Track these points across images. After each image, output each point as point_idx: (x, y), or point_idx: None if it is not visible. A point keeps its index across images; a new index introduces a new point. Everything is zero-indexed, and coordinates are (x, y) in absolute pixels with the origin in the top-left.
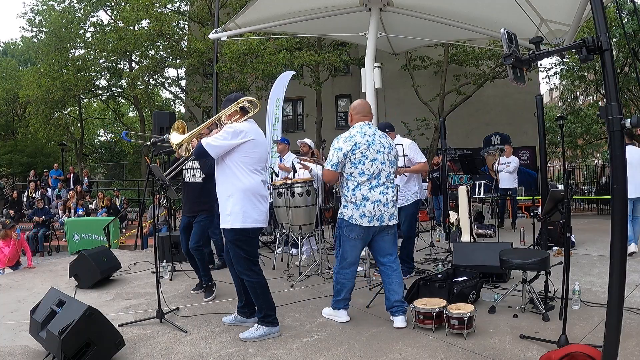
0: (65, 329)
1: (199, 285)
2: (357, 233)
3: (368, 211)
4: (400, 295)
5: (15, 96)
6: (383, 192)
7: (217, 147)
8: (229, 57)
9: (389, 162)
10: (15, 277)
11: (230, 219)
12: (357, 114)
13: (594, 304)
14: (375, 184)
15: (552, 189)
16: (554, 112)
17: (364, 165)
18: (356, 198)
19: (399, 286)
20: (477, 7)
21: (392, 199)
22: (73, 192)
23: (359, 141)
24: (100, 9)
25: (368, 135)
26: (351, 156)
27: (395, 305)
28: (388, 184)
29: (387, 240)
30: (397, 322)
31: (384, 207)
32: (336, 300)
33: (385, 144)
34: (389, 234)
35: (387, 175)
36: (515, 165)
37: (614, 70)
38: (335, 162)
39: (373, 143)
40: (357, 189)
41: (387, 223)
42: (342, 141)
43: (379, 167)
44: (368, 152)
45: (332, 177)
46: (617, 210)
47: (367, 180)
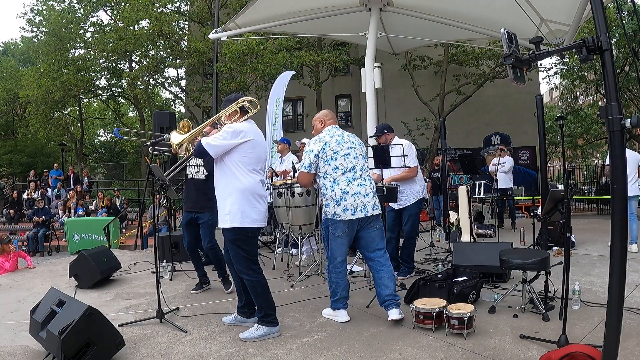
0: (65, 329)
1: (198, 285)
2: (342, 229)
3: (350, 204)
4: (391, 290)
5: (15, 96)
6: (361, 184)
7: (217, 146)
8: (228, 57)
9: (361, 156)
10: (15, 277)
11: (228, 219)
12: (325, 119)
13: (594, 304)
14: (352, 177)
15: (552, 189)
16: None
17: (337, 160)
18: (335, 194)
19: (389, 280)
20: (477, 7)
21: (371, 190)
22: (73, 192)
23: (328, 140)
24: (100, 9)
25: (337, 135)
26: (323, 155)
27: (388, 299)
28: (365, 176)
29: (374, 235)
30: (392, 315)
31: (365, 197)
32: (334, 301)
33: (355, 141)
34: (375, 228)
35: (361, 168)
36: (510, 165)
37: (614, 70)
38: (307, 163)
39: (342, 141)
40: (334, 184)
41: (371, 213)
42: (312, 143)
43: (352, 162)
44: (339, 148)
45: (307, 179)
46: (617, 210)
47: (342, 174)
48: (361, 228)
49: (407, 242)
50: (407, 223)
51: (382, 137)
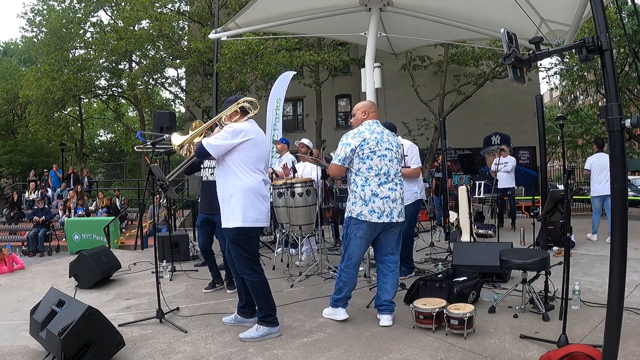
0: (65, 329)
1: (211, 285)
2: (364, 230)
3: (377, 207)
4: (391, 296)
5: (15, 96)
6: (392, 189)
7: (218, 146)
8: (228, 57)
9: (396, 159)
10: (15, 277)
11: (231, 218)
12: (364, 112)
13: (594, 304)
14: (384, 180)
15: (552, 189)
16: (554, 112)
17: (372, 160)
18: (365, 194)
19: (392, 287)
20: (477, 7)
21: (400, 196)
22: (73, 192)
23: (367, 137)
24: (100, 9)
25: (376, 132)
26: (359, 152)
27: (384, 304)
28: (397, 181)
29: (391, 240)
30: (383, 321)
31: (393, 203)
32: (337, 299)
33: (393, 142)
34: (394, 233)
35: (395, 172)
36: (513, 164)
37: (614, 70)
38: (342, 157)
39: (381, 140)
40: (366, 184)
41: (396, 220)
42: (351, 137)
43: (387, 164)
44: (377, 148)
45: (339, 172)
46: (617, 210)
47: (375, 175)
48: (383, 232)
49: (405, 243)
50: (404, 223)
51: None
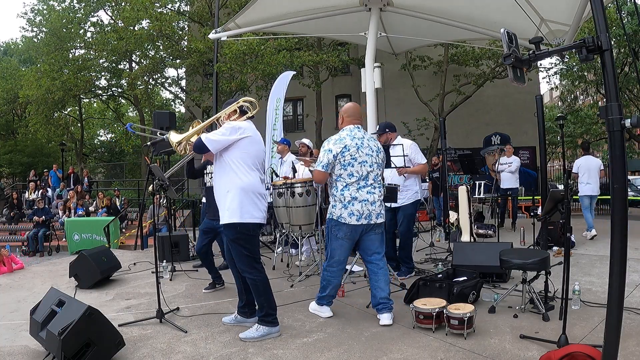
0: (65, 329)
1: (211, 285)
2: (344, 232)
3: (356, 210)
4: (386, 293)
5: (15, 96)
6: (370, 192)
7: (216, 141)
8: (229, 57)
9: (376, 164)
10: (15, 277)
11: (228, 214)
12: (349, 116)
13: (594, 304)
14: (363, 185)
15: (552, 189)
16: (554, 112)
17: (353, 167)
18: (344, 197)
19: (385, 284)
20: (477, 7)
21: (379, 198)
22: (73, 192)
23: (348, 144)
24: (101, 9)
25: (357, 138)
26: (341, 158)
27: (382, 302)
28: (375, 185)
29: (374, 240)
30: (383, 320)
31: (372, 205)
32: (321, 297)
33: (374, 147)
34: (376, 233)
35: (374, 177)
36: (517, 165)
37: (614, 70)
38: (325, 163)
39: (362, 146)
40: (345, 189)
41: (374, 221)
42: (332, 143)
43: (367, 170)
44: (357, 154)
45: (322, 178)
46: (617, 210)
47: (355, 181)
48: (364, 234)
49: (404, 243)
50: (402, 223)
51: (383, 136)
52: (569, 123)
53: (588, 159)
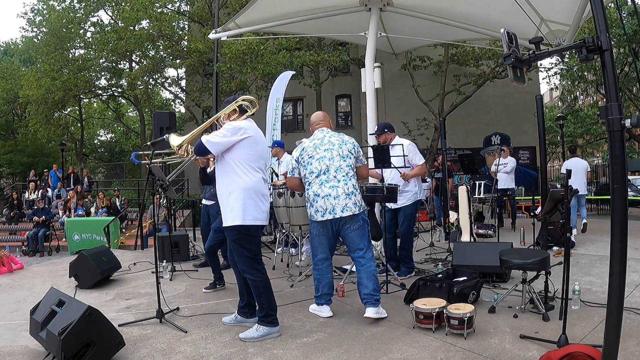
0: (65, 329)
1: (212, 285)
2: (317, 229)
3: (320, 206)
4: (369, 289)
5: (15, 96)
6: (333, 186)
7: (217, 143)
8: (228, 57)
9: (339, 156)
10: (16, 277)
11: (230, 216)
12: (315, 124)
13: (594, 304)
14: (325, 179)
15: (552, 189)
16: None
17: (312, 165)
18: (309, 196)
19: (367, 280)
20: (477, 7)
21: (343, 192)
22: (73, 192)
23: (306, 146)
24: (101, 9)
25: (317, 139)
26: (301, 160)
27: (365, 297)
28: (339, 177)
29: (352, 236)
30: (367, 312)
31: (335, 200)
32: (317, 296)
33: (335, 142)
34: (351, 229)
35: (336, 169)
36: (513, 165)
37: (614, 70)
38: (290, 169)
39: (321, 144)
40: (309, 187)
41: (339, 215)
42: (295, 150)
43: (326, 164)
44: (314, 152)
45: (293, 183)
46: (617, 210)
47: (316, 177)
48: (339, 229)
49: (405, 243)
50: (402, 224)
51: (382, 136)
52: (569, 123)
53: (575, 161)
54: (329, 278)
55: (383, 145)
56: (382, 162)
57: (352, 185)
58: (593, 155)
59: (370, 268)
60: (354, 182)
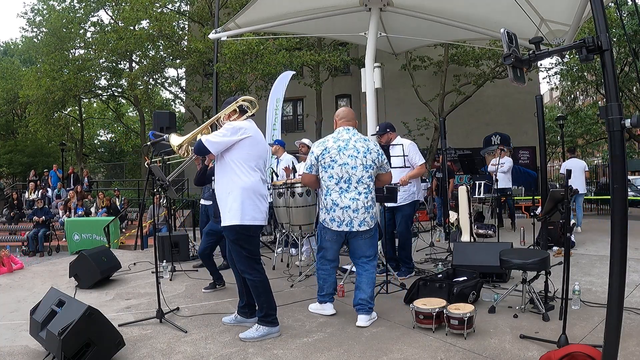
0: (65, 329)
1: (211, 285)
2: (330, 235)
3: (337, 216)
4: (366, 295)
5: (15, 96)
6: (354, 199)
7: (217, 143)
8: (228, 57)
9: (362, 166)
10: (16, 277)
11: (229, 216)
12: (341, 119)
13: (594, 304)
14: (346, 189)
15: (552, 189)
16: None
17: (333, 169)
18: (327, 203)
19: (367, 286)
20: (477, 7)
21: (363, 205)
22: (73, 192)
23: (329, 146)
24: (101, 9)
25: (342, 140)
26: (321, 160)
27: (360, 303)
28: (360, 190)
29: (361, 244)
30: (359, 321)
31: (354, 213)
32: (321, 295)
33: (360, 149)
34: (363, 238)
35: (358, 180)
36: (509, 165)
37: (614, 70)
38: (309, 165)
39: (345, 148)
40: (328, 194)
41: (356, 229)
42: (316, 146)
43: (348, 172)
44: (338, 156)
45: (309, 180)
46: (617, 210)
47: (335, 184)
48: (350, 236)
49: (403, 243)
50: (400, 224)
51: (384, 136)
52: (569, 123)
53: (574, 161)
54: (334, 278)
55: (383, 145)
56: None
57: (371, 198)
58: (593, 155)
59: (372, 275)
60: (373, 195)
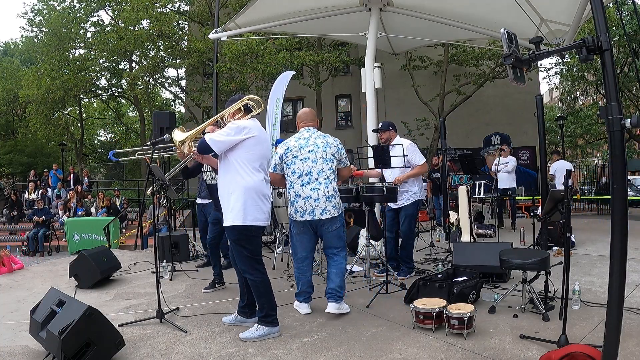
0: (65, 329)
1: (211, 284)
2: (297, 228)
3: (300, 207)
4: (335, 284)
5: (15, 96)
6: (314, 189)
7: (221, 142)
8: (229, 57)
9: (322, 159)
10: (16, 277)
11: (231, 216)
12: (302, 121)
13: (594, 304)
14: (307, 181)
15: (552, 189)
16: (554, 112)
17: (295, 164)
18: (291, 196)
19: (335, 276)
20: (477, 7)
21: (324, 194)
22: (73, 192)
23: (291, 145)
24: (101, 9)
25: (302, 139)
26: (285, 158)
27: (329, 292)
28: (321, 180)
29: (330, 237)
30: (328, 308)
31: (315, 202)
32: (296, 293)
33: (320, 144)
34: (329, 230)
35: (319, 172)
36: (513, 165)
37: (614, 70)
38: (273, 164)
39: (306, 145)
40: (291, 187)
41: (318, 217)
42: (279, 147)
43: (309, 165)
44: (299, 152)
45: (274, 178)
46: (617, 210)
47: (298, 177)
48: (318, 229)
49: (405, 243)
50: (403, 223)
51: (386, 133)
52: (569, 123)
53: (562, 163)
54: (308, 277)
55: (383, 145)
56: (382, 162)
57: (332, 188)
58: (593, 155)
59: (341, 265)
60: (335, 185)
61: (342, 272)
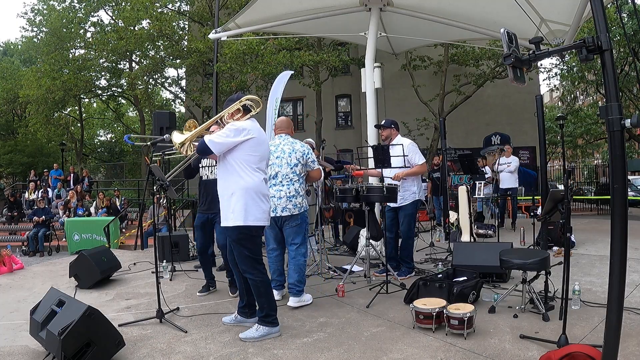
0: (65, 329)
1: (205, 287)
2: None
3: None
4: (293, 279)
5: (15, 96)
6: (278, 189)
7: (220, 144)
8: (229, 57)
9: (287, 164)
10: (16, 277)
11: (232, 217)
12: (277, 129)
13: (594, 304)
14: (273, 183)
15: (552, 189)
16: (554, 112)
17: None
18: None
19: (294, 272)
20: (477, 7)
21: (285, 195)
22: (73, 192)
23: None
24: (101, 9)
25: (273, 145)
26: None
27: (289, 287)
28: (284, 182)
29: (289, 232)
30: (289, 302)
31: (278, 200)
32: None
33: (286, 150)
34: (290, 226)
35: (283, 175)
36: (516, 165)
37: (614, 70)
38: None
39: (275, 151)
40: None
41: (280, 214)
42: None
43: (275, 170)
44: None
45: None
46: (617, 210)
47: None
48: (282, 225)
49: (405, 243)
50: (403, 223)
51: (387, 130)
52: (569, 123)
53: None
54: (276, 266)
55: (383, 145)
56: (381, 162)
57: (294, 189)
58: (593, 156)
59: (299, 262)
60: (297, 187)
61: (301, 268)
